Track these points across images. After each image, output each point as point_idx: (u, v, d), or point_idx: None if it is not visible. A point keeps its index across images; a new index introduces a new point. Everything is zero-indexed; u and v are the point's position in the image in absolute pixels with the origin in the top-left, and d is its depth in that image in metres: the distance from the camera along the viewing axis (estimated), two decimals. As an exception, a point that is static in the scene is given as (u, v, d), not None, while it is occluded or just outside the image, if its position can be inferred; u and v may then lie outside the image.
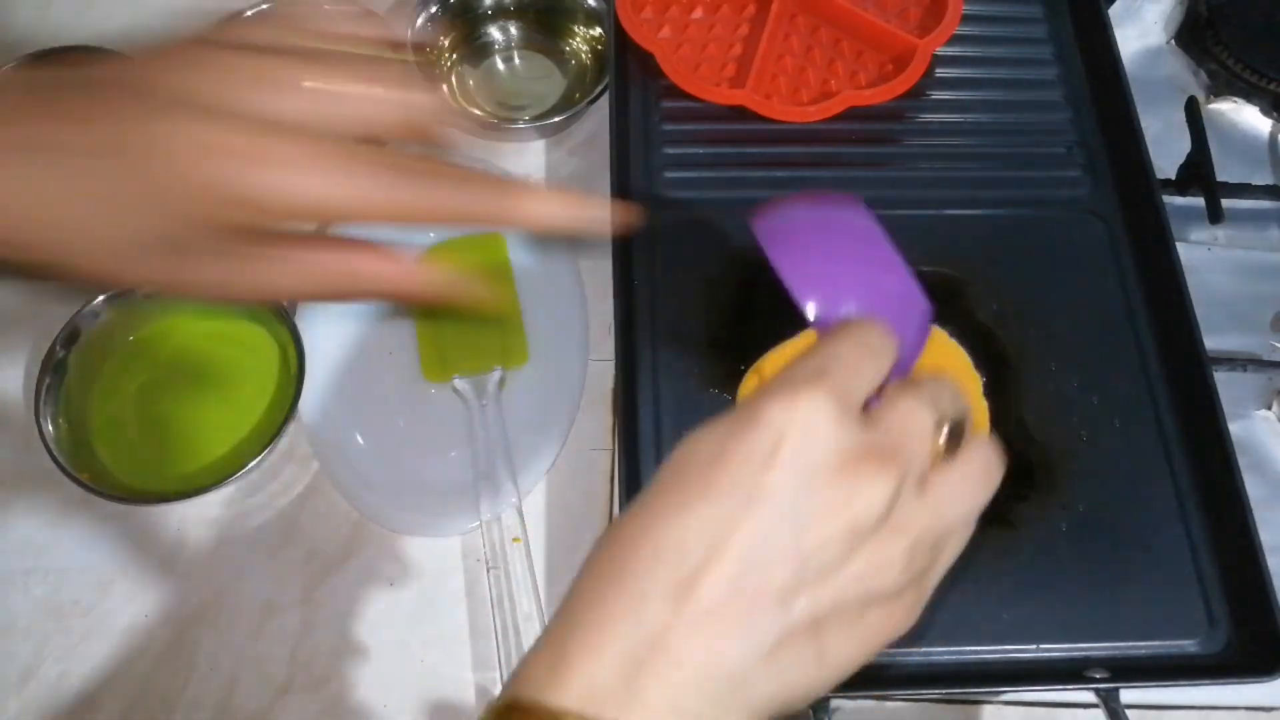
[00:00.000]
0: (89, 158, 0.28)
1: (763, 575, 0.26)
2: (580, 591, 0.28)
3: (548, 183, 0.63)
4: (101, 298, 0.53)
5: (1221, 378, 0.53)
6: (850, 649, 0.28)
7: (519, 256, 0.58)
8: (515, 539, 0.51)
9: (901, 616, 0.29)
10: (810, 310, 0.34)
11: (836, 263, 0.36)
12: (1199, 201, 0.62)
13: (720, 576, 0.26)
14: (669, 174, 0.58)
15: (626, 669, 0.26)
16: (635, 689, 0.25)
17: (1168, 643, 0.48)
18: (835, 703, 0.47)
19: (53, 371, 0.51)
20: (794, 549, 0.26)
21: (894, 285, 0.36)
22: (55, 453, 0.50)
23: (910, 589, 0.28)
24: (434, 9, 0.65)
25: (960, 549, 0.30)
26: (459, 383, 0.55)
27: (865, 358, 0.29)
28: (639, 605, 0.26)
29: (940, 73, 0.63)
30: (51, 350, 0.52)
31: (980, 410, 0.51)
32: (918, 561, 0.28)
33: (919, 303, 0.36)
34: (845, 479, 0.27)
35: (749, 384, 0.53)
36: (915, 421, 0.29)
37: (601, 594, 0.27)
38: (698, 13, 0.64)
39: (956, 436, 0.29)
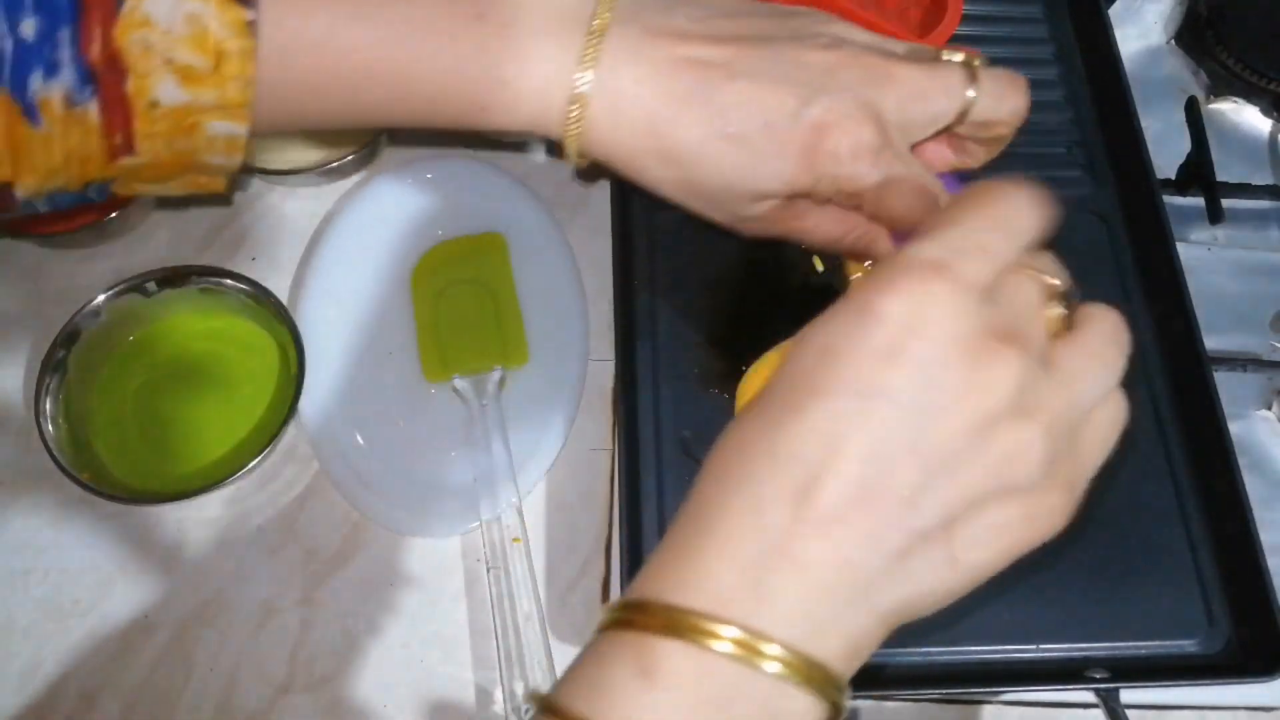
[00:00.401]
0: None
1: (886, 475, 0.25)
2: (700, 497, 0.27)
3: (549, 184, 0.63)
4: (102, 297, 0.53)
5: (1221, 378, 0.53)
6: (987, 552, 0.26)
7: (519, 257, 0.58)
8: (515, 539, 0.51)
9: (1046, 516, 0.26)
10: None
11: None
12: (1199, 201, 0.62)
13: (840, 479, 0.25)
14: (669, 174, 0.58)
15: (752, 573, 0.25)
16: (762, 592, 0.25)
17: (1167, 643, 0.48)
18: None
19: (53, 371, 0.51)
20: (918, 445, 0.25)
21: None
22: (55, 453, 0.50)
23: (1055, 486, 0.26)
24: (434, 9, 0.65)
25: (1110, 435, 0.28)
26: (459, 383, 0.55)
27: (993, 235, 0.27)
28: (759, 510, 0.25)
29: (940, 72, 0.63)
30: (51, 350, 0.52)
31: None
32: (1058, 448, 0.26)
33: None
34: (967, 366, 0.25)
35: (748, 384, 0.53)
36: (1025, 293, 0.27)
37: (722, 500, 0.26)
38: (698, 12, 0.63)
39: (1069, 307, 0.27)
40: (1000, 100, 0.39)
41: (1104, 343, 0.28)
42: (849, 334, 0.26)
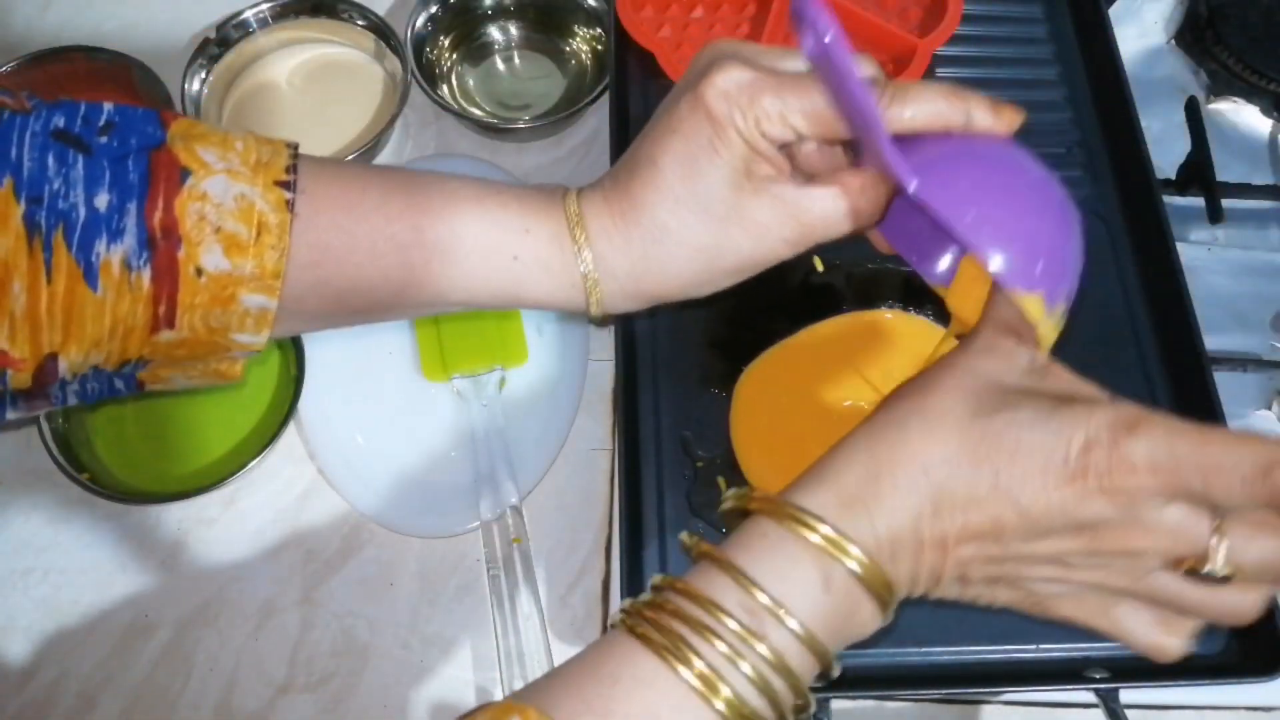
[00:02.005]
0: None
1: (994, 541, 0.33)
2: (889, 458, 0.33)
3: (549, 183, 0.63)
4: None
5: (1222, 378, 0.53)
6: (993, 603, 0.35)
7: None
8: (515, 539, 0.51)
9: (1049, 613, 0.36)
10: (994, 263, 0.34)
11: (1007, 200, 0.36)
12: (1199, 201, 0.62)
13: (968, 524, 0.32)
14: (669, 174, 0.58)
15: (894, 539, 0.32)
16: (894, 553, 0.32)
17: (1168, 643, 0.48)
18: (835, 703, 0.47)
19: (52, 371, 0.51)
20: (1019, 542, 0.33)
21: (1059, 204, 0.36)
22: (55, 453, 0.50)
23: (1071, 602, 0.35)
24: (434, 9, 0.65)
25: (1144, 634, 0.35)
26: (459, 383, 0.55)
27: (1203, 475, 0.31)
28: (918, 507, 0.32)
29: (941, 73, 0.63)
30: (51, 350, 0.52)
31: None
32: (1104, 600, 0.34)
33: (1077, 219, 0.37)
34: (1088, 529, 0.32)
35: (747, 383, 0.53)
36: (1179, 530, 0.32)
37: (897, 480, 0.33)
38: (698, 12, 0.64)
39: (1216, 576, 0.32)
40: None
41: (1192, 603, 0.34)
42: (1051, 452, 0.32)
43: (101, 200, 0.34)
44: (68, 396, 0.36)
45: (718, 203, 0.37)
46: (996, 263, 0.34)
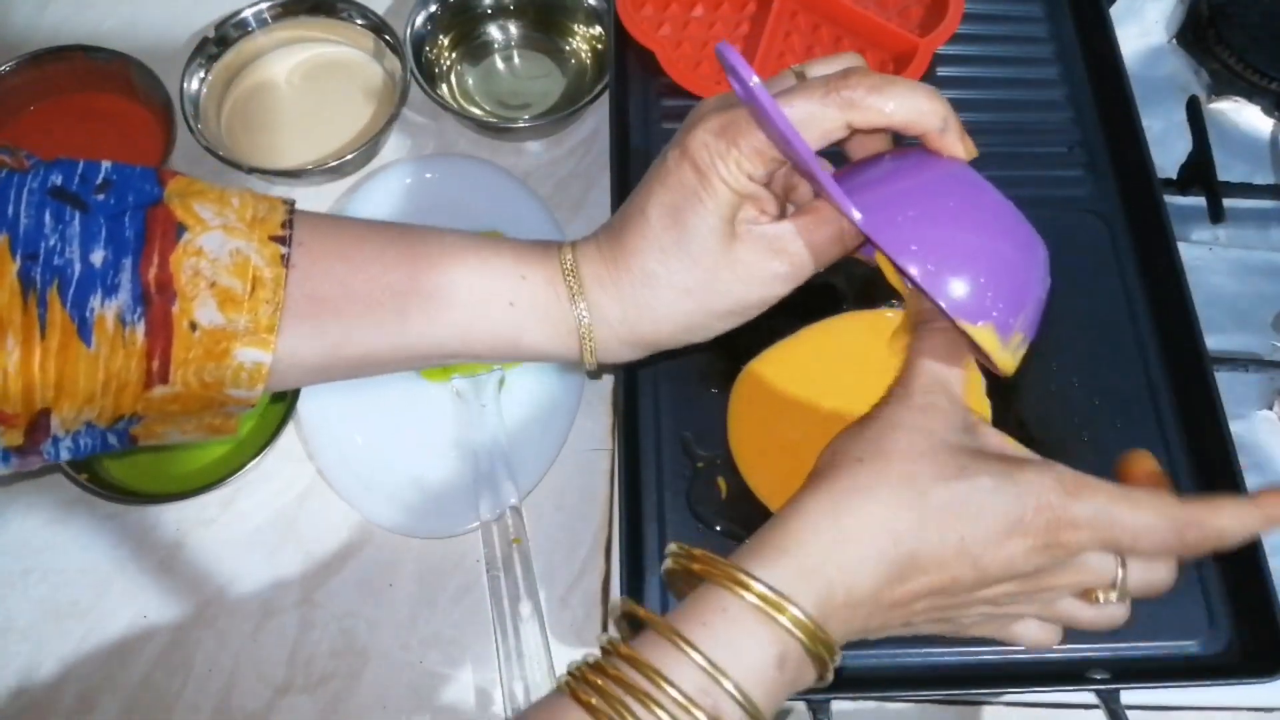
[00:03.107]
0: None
1: (942, 595, 0.36)
2: (857, 526, 0.35)
3: (549, 182, 0.63)
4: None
5: (1223, 378, 0.53)
6: (918, 631, 0.38)
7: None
8: (515, 539, 0.51)
9: (963, 632, 0.40)
10: (940, 297, 0.34)
11: (956, 229, 0.36)
12: (1200, 201, 0.62)
13: (923, 585, 0.35)
14: (669, 173, 0.58)
15: (850, 607, 0.34)
16: (847, 618, 0.35)
17: (1168, 643, 0.48)
18: (836, 704, 0.47)
19: (51, 371, 0.51)
20: (962, 593, 0.36)
21: (1011, 232, 0.37)
22: (54, 453, 0.50)
23: (985, 625, 0.39)
24: (434, 8, 0.65)
25: (1036, 637, 0.40)
26: (459, 383, 0.55)
27: (1129, 538, 0.36)
28: (879, 580, 0.34)
29: (941, 72, 0.63)
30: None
31: (983, 409, 0.51)
32: (1006, 621, 0.39)
33: (1038, 246, 0.37)
34: (1020, 575, 0.36)
35: (745, 383, 0.52)
36: (1087, 573, 0.37)
37: (863, 551, 0.34)
38: (698, 10, 0.63)
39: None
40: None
41: (1087, 619, 0.40)
42: (1006, 524, 0.35)
43: (97, 256, 0.34)
44: (60, 452, 0.36)
45: (703, 252, 0.37)
46: (942, 296, 0.34)
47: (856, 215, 0.34)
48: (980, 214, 0.36)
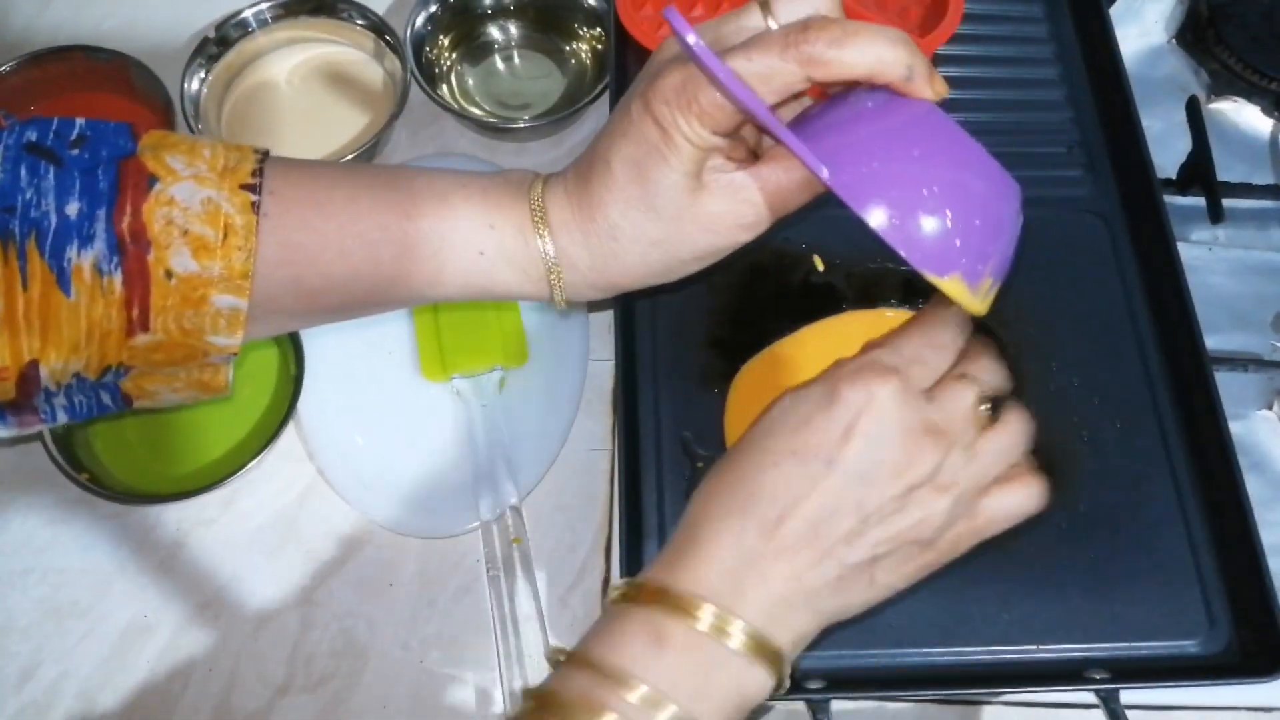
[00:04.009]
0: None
1: (834, 523, 0.34)
2: (698, 513, 0.36)
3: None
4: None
5: (1222, 378, 0.53)
6: (895, 579, 0.36)
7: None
8: (515, 539, 0.51)
9: (937, 558, 0.37)
10: (905, 251, 0.34)
11: (920, 179, 0.35)
12: (1200, 201, 0.62)
13: (801, 520, 0.34)
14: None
15: (732, 578, 0.34)
16: (738, 592, 0.34)
17: (1168, 643, 0.48)
18: (836, 703, 0.47)
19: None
20: (859, 504, 0.34)
21: (979, 176, 0.36)
22: (54, 453, 0.50)
23: (949, 540, 0.36)
24: (434, 8, 0.65)
25: (1010, 510, 0.37)
26: (459, 383, 0.55)
27: (933, 352, 0.37)
28: (740, 532, 0.35)
29: (941, 72, 0.61)
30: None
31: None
32: (957, 513, 0.36)
33: (1008, 186, 0.36)
34: (904, 451, 0.35)
35: (742, 383, 0.52)
36: (963, 402, 0.36)
37: (713, 520, 0.35)
38: (698, 11, 0.63)
39: (998, 407, 0.37)
40: None
41: (1013, 436, 0.37)
42: (823, 409, 0.35)
43: (72, 208, 0.35)
44: (56, 412, 0.37)
45: (668, 205, 0.37)
46: (906, 249, 0.34)
47: (824, 172, 0.34)
48: (946, 161, 0.35)
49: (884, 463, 0.35)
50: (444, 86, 0.65)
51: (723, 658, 0.34)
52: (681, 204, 0.37)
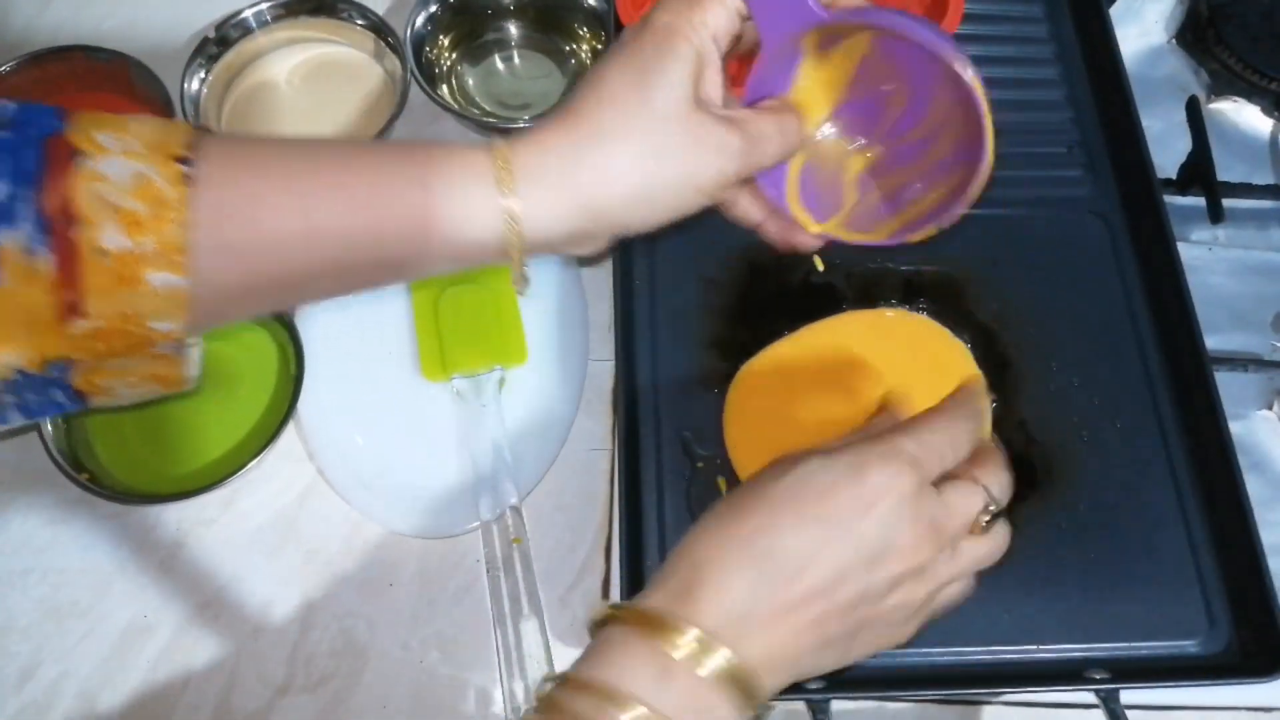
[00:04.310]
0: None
1: (838, 591, 0.36)
2: (709, 553, 0.37)
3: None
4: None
5: (1222, 378, 0.53)
6: (867, 650, 0.38)
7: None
8: (515, 539, 0.51)
9: (905, 635, 0.39)
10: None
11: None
12: (1200, 201, 0.62)
13: (815, 581, 0.36)
14: (669, 173, 0.58)
15: (741, 624, 0.35)
16: (743, 637, 0.35)
17: (1168, 643, 0.48)
18: (835, 703, 0.47)
19: (52, 371, 0.51)
20: (864, 579, 0.36)
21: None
22: (54, 453, 0.50)
23: (911, 623, 0.39)
24: (434, 8, 0.65)
25: (955, 601, 0.39)
26: (459, 383, 0.55)
27: (951, 451, 0.39)
28: (755, 582, 0.35)
29: (941, 72, 0.62)
30: (50, 350, 0.52)
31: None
32: (926, 602, 0.38)
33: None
34: (911, 540, 0.36)
35: (741, 382, 0.53)
36: (970, 508, 0.38)
37: (728, 565, 0.36)
38: None
39: (995, 517, 0.39)
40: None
41: (994, 547, 0.39)
42: (847, 483, 0.37)
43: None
44: (6, 411, 0.36)
45: (667, 105, 0.38)
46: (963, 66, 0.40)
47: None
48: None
49: (892, 546, 0.36)
50: (444, 86, 0.65)
51: (722, 700, 0.34)
52: (681, 109, 0.38)
